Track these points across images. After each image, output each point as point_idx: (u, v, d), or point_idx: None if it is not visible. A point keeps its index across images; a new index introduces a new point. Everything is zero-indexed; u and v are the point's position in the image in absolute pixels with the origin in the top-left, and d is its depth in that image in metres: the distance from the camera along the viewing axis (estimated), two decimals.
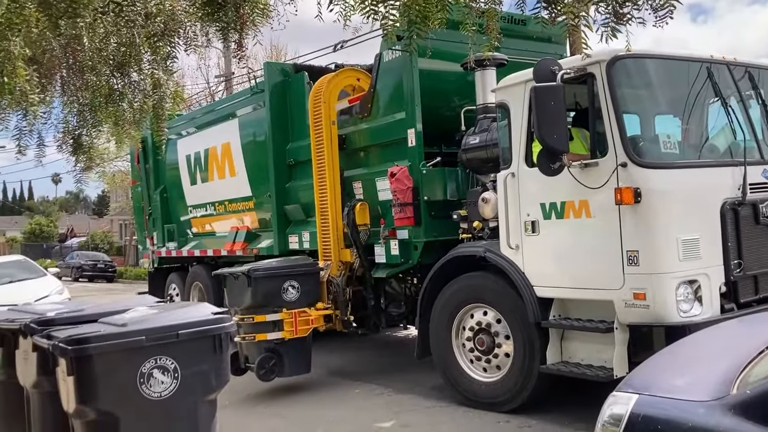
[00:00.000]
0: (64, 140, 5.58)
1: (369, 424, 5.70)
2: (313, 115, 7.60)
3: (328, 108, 7.47)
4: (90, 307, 4.30)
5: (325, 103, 7.46)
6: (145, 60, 5.02)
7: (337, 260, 7.36)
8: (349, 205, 7.17)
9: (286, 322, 6.73)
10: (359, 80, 7.77)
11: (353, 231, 7.07)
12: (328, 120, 7.46)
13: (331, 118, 7.47)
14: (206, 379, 3.58)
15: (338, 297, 7.22)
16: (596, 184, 4.91)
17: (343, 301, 7.21)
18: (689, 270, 4.76)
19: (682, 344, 3.28)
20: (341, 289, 7.22)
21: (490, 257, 5.70)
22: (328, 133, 7.45)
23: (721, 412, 2.07)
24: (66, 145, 5.62)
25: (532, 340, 5.40)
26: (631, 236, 4.79)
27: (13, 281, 12.38)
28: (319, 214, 7.60)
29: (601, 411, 2.38)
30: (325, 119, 7.46)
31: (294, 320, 6.77)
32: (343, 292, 7.22)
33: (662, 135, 5.13)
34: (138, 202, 12.28)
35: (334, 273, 7.32)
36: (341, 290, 7.22)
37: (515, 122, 5.56)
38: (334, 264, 7.34)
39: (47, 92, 4.92)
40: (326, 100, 7.48)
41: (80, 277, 31.04)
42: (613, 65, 4.91)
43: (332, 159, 7.45)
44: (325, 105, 7.46)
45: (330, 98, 7.52)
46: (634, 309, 4.76)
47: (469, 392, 5.90)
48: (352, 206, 7.14)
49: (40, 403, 3.96)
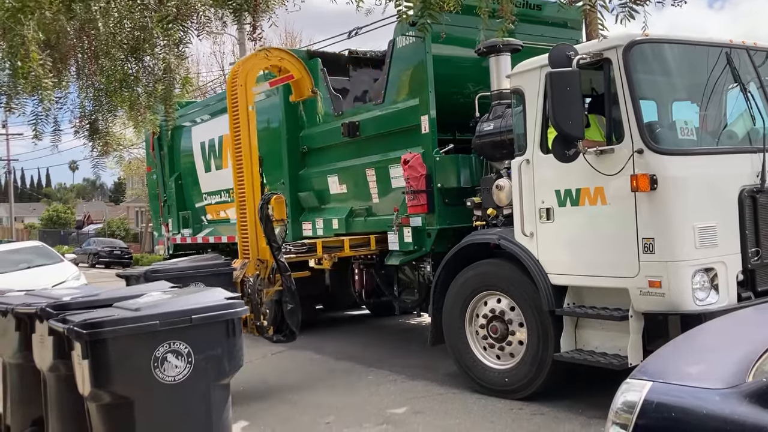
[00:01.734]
0: (81, 125, 5.57)
1: (381, 411, 5.70)
2: (230, 100, 7.01)
3: (245, 91, 6.85)
4: (105, 291, 4.32)
5: (241, 86, 6.83)
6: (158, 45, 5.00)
7: (255, 257, 6.75)
8: (264, 198, 6.55)
9: None
10: (282, 59, 7.14)
11: (266, 227, 6.43)
12: (245, 104, 6.85)
13: (248, 102, 6.87)
14: (219, 363, 3.58)
15: (252, 299, 6.47)
16: (612, 171, 4.85)
17: (257, 304, 6.50)
18: (705, 258, 4.70)
19: (697, 332, 3.23)
20: (255, 291, 6.49)
21: (504, 245, 5.67)
22: (245, 117, 6.86)
23: (736, 400, 2.04)
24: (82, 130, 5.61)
25: (546, 327, 5.37)
26: (646, 224, 4.73)
27: (30, 267, 12.52)
28: (238, 205, 7.07)
29: (615, 398, 2.34)
30: (241, 103, 6.86)
31: None
32: (258, 293, 6.51)
33: (679, 121, 5.05)
34: (153, 189, 12.35)
35: (249, 273, 6.64)
36: (255, 292, 6.49)
37: (530, 108, 5.51)
38: (252, 263, 6.71)
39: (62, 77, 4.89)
40: (243, 83, 6.83)
41: (97, 264, 31.35)
42: (629, 50, 4.83)
43: (250, 146, 6.87)
44: (241, 88, 6.83)
45: (247, 81, 6.89)
46: (649, 297, 4.72)
47: (482, 379, 5.90)
48: (266, 199, 6.52)
49: (56, 386, 4.00)
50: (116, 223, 44.71)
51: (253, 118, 6.95)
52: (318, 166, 8.40)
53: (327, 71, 8.31)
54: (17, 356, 4.49)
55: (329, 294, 9.28)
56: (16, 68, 3.93)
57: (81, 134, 5.63)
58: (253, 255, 6.79)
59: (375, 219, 7.60)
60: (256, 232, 6.77)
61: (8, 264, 12.26)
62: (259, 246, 6.77)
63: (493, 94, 6.50)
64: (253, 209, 6.76)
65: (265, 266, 6.73)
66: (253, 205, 6.77)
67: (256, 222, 6.70)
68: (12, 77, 4.56)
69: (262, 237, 6.65)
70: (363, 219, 7.74)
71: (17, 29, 3.82)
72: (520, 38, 6.67)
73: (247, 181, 6.91)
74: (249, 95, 6.91)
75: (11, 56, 4.20)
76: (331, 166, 8.18)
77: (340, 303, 9.97)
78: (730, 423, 2.00)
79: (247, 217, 6.90)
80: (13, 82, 4.60)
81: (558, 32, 7.59)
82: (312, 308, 9.70)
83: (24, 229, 53.54)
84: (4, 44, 4.20)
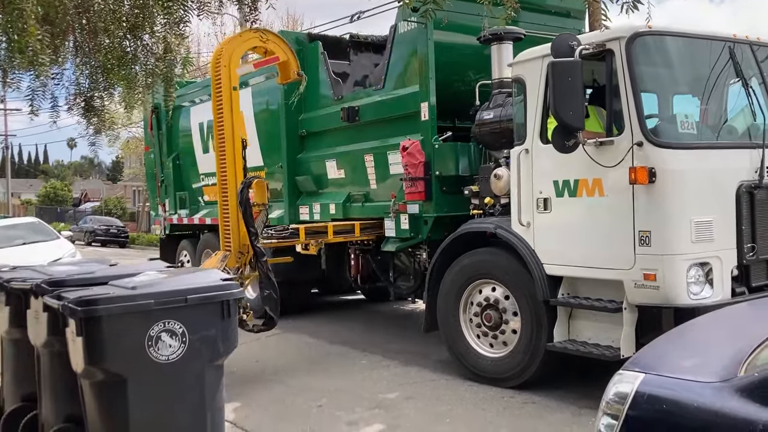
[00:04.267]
0: (75, 102, 5.52)
1: (373, 395, 5.71)
2: (213, 81, 6.84)
3: (228, 72, 6.68)
4: (101, 269, 4.29)
5: (225, 67, 6.66)
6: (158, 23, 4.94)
7: (237, 246, 6.58)
8: (244, 182, 6.37)
9: None
10: (266, 41, 6.90)
11: (246, 211, 6.26)
12: (228, 85, 6.66)
13: (232, 83, 6.67)
14: (214, 344, 3.58)
15: None
16: (611, 163, 4.84)
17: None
18: (701, 252, 4.71)
19: (691, 325, 3.23)
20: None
21: (501, 233, 5.67)
22: (229, 98, 6.66)
23: (728, 393, 2.04)
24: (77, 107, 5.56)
25: (540, 317, 5.39)
26: (643, 216, 4.74)
27: (26, 243, 12.50)
28: (220, 191, 6.85)
29: (607, 389, 2.35)
30: (225, 85, 6.66)
31: None
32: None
33: (680, 115, 5.04)
34: (151, 169, 12.31)
35: (230, 266, 6.50)
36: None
37: (531, 98, 5.48)
38: (233, 255, 6.57)
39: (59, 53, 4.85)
40: (226, 64, 6.67)
41: (93, 242, 31.32)
42: (633, 42, 4.81)
43: (233, 128, 6.66)
44: (225, 69, 6.66)
45: (231, 62, 6.71)
46: (643, 290, 4.73)
47: (475, 367, 5.92)
48: (247, 183, 6.36)
49: (49, 362, 3.97)
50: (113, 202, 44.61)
51: (237, 100, 6.73)
52: (316, 150, 8.37)
53: (327, 55, 8.26)
54: (11, 331, 4.49)
55: (325, 278, 9.28)
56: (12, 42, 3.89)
57: (75, 111, 5.58)
58: (234, 246, 6.60)
59: (372, 205, 7.59)
60: (238, 220, 6.55)
61: (4, 240, 12.24)
62: (240, 233, 6.57)
63: (494, 83, 6.47)
64: (235, 194, 6.52)
65: (247, 251, 6.58)
66: (235, 190, 6.53)
67: (239, 209, 6.50)
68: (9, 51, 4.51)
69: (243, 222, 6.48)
70: (360, 204, 7.73)
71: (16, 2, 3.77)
72: (523, 27, 6.64)
73: (229, 165, 6.66)
74: (233, 76, 6.70)
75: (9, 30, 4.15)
76: (330, 150, 8.15)
77: (336, 287, 9.99)
78: (721, 416, 2.01)
79: (229, 203, 6.66)
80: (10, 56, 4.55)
81: (561, 22, 7.55)
82: (307, 292, 9.72)
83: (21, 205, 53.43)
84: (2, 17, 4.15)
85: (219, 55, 6.85)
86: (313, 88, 8.30)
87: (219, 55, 6.85)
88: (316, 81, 8.14)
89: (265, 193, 6.61)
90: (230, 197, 6.64)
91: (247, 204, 6.30)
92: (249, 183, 6.42)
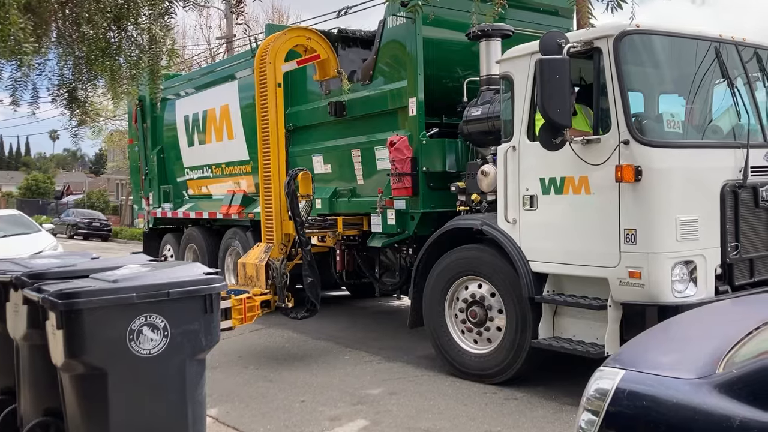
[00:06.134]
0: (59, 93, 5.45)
1: (356, 391, 5.71)
2: (258, 77, 7.09)
3: (274, 69, 6.97)
4: (82, 262, 4.26)
5: (270, 63, 6.95)
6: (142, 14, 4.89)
7: (279, 235, 6.90)
8: (291, 174, 6.61)
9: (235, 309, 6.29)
10: (309, 39, 7.19)
11: (293, 202, 6.53)
12: (273, 82, 6.95)
13: (277, 80, 6.98)
14: (196, 338, 3.57)
15: (276, 283, 6.72)
16: (597, 161, 4.85)
17: (282, 287, 6.70)
18: (686, 251, 4.74)
19: (672, 322, 3.26)
20: (280, 275, 6.70)
21: (487, 230, 5.67)
22: (273, 95, 6.96)
23: (706, 390, 2.06)
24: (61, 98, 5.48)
25: (525, 314, 5.40)
26: (629, 214, 4.75)
27: (7, 236, 12.35)
28: (263, 182, 7.15)
29: (588, 385, 2.36)
30: (270, 81, 6.94)
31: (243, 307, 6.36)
32: (283, 277, 6.71)
33: (666, 113, 5.06)
34: (135, 162, 12.18)
35: (274, 256, 6.82)
36: (280, 276, 6.70)
37: (519, 95, 5.48)
38: (276, 246, 6.87)
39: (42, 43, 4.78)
40: (272, 61, 6.96)
41: (75, 235, 30.96)
42: (620, 40, 4.82)
43: (277, 123, 7.00)
44: (270, 66, 6.95)
45: (276, 59, 6.99)
46: (628, 287, 4.75)
47: (459, 363, 5.93)
48: (293, 175, 6.58)
49: (29, 355, 3.94)
50: (96, 195, 44.19)
51: (281, 96, 7.04)
52: (303, 144, 8.32)
53: None
54: None
55: None
56: None
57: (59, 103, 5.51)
58: (277, 238, 6.88)
59: (358, 200, 7.57)
60: (280, 211, 6.89)
61: None
62: (283, 224, 6.91)
63: (482, 79, 6.47)
64: (278, 186, 6.85)
65: (289, 243, 6.88)
66: (279, 182, 6.85)
67: (281, 200, 6.82)
68: None
69: (285, 213, 6.81)
70: (347, 200, 7.70)
71: None
72: (511, 24, 6.64)
73: (273, 159, 6.98)
74: (278, 72, 7.04)
75: None
76: (316, 145, 8.12)
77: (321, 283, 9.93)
78: (699, 413, 2.03)
79: (272, 195, 6.96)
80: None
81: (548, 20, 7.56)
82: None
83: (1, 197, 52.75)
84: None
85: (264, 52, 7.06)
86: (301, 82, 8.27)
87: (264, 52, 7.06)
88: (303, 75, 8.10)
89: (310, 184, 6.78)
90: (273, 190, 6.95)
91: (293, 195, 6.55)
92: (295, 175, 6.61)
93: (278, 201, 6.91)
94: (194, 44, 30.12)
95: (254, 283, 6.91)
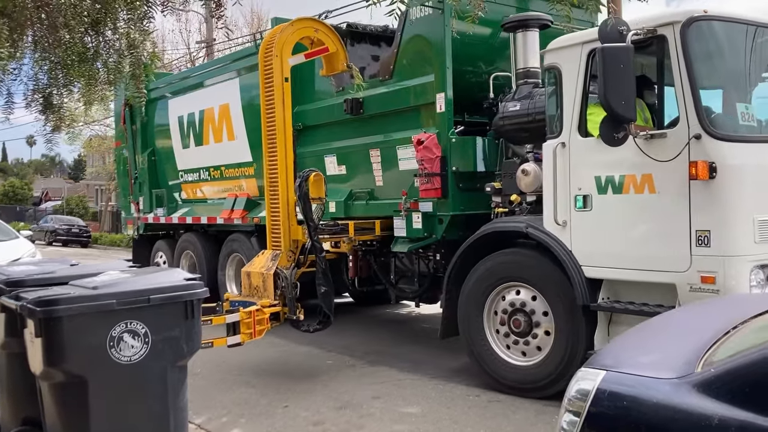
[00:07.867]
0: (34, 98, 5.30)
1: (340, 395, 5.55)
2: (263, 71, 6.45)
3: (281, 62, 6.35)
4: (61, 269, 4.10)
5: (276, 56, 6.32)
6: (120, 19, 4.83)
7: (287, 242, 6.32)
8: (302, 176, 6.07)
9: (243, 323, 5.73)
10: (318, 31, 6.53)
11: (305, 206, 6.01)
12: (280, 76, 6.34)
13: (284, 74, 6.36)
14: (177, 344, 3.55)
15: (286, 293, 6.13)
16: (664, 157, 4.50)
17: (292, 298, 6.11)
18: (764, 253, 4.41)
19: (655, 322, 3.18)
20: (290, 285, 6.10)
21: (533, 233, 5.28)
22: (280, 91, 6.34)
23: (685, 389, 2.08)
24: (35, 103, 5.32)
25: (578, 323, 5.02)
26: (702, 215, 4.40)
27: None
28: (268, 185, 6.51)
29: (569, 386, 2.37)
30: (276, 75, 6.33)
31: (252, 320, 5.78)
32: (292, 288, 6.11)
33: (740, 106, 4.73)
34: (123, 165, 11.53)
35: (283, 264, 6.24)
36: (290, 286, 6.10)
37: (568, 87, 5.11)
38: (284, 254, 6.30)
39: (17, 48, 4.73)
40: (278, 54, 6.34)
41: (54, 241, 30.26)
42: (688, 27, 4.48)
43: (284, 121, 6.36)
44: (276, 59, 6.32)
45: (283, 51, 6.37)
46: (700, 293, 4.39)
47: (499, 375, 5.51)
48: (305, 177, 6.04)
49: (7, 364, 3.92)
50: (75, 201, 43.34)
51: (288, 91, 6.39)
52: (313, 145, 7.87)
53: None
54: None
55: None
56: None
57: (33, 108, 5.38)
58: (285, 245, 6.29)
59: (377, 203, 7.13)
60: (288, 216, 6.29)
61: None
62: (291, 230, 6.32)
63: (519, 73, 6.10)
64: (285, 188, 6.27)
65: (297, 249, 6.29)
66: (286, 184, 6.27)
67: (289, 204, 6.26)
68: None
69: (294, 218, 6.27)
70: (364, 203, 7.25)
71: None
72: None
73: (280, 159, 6.34)
74: (285, 66, 6.37)
75: None
76: (329, 145, 7.67)
77: None
78: (678, 412, 2.05)
79: (278, 199, 6.34)
80: None
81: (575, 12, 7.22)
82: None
83: None
84: None
85: (270, 44, 6.39)
86: (308, 79, 7.82)
87: (270, 44, 6.39)
88: (311, 72, 7.64)
89: (323, 187, 6.22)
90: (281, 192, 6.33)
91: (306, 198, 6.01)
92: (307, 176, 6.05)
93: (286, 205, 6.31)
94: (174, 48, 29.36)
95: (261, 293, 6.33)
